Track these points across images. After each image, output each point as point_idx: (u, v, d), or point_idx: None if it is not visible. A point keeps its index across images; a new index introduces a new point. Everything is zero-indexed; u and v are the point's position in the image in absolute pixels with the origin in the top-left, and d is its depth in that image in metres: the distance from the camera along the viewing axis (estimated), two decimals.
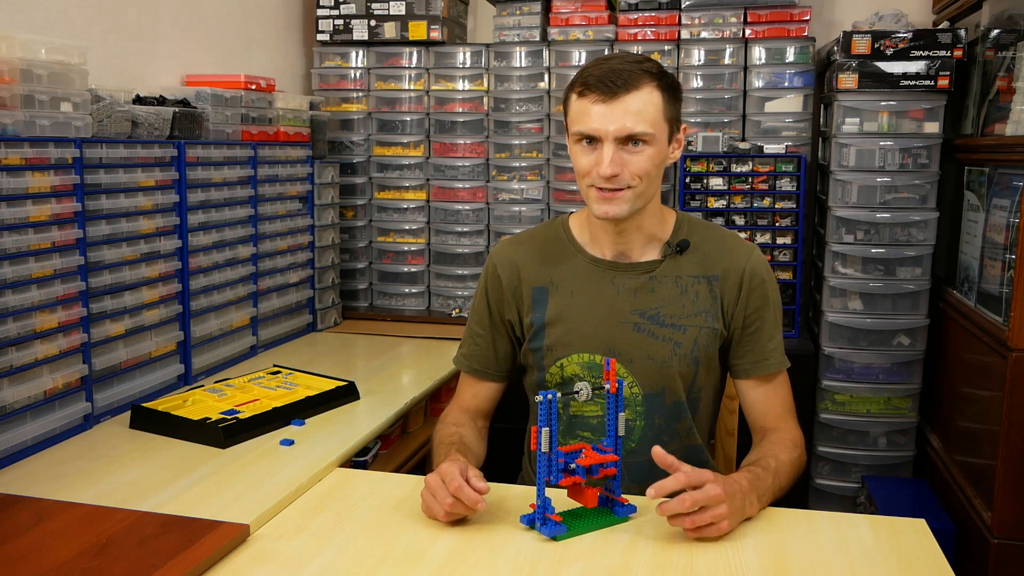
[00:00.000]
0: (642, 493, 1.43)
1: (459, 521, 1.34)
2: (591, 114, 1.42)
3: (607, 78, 1.41)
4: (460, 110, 2.97)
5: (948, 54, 2.46)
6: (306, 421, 1.84)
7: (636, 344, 1.53)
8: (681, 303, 1.53)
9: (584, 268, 1.57)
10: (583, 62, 2.87)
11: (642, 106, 1.41)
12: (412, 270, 3.04)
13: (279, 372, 2.13)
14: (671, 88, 1.46)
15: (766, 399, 1.57)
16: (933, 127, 2.50)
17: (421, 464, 2.14)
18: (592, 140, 1.44)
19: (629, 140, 1.42)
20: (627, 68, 1.42)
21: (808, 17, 2.76)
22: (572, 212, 1.66)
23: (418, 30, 2.90)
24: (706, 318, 1.53)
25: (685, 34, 2.82)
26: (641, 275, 1.55)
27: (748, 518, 1.35)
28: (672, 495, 1.27)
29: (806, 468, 2.60)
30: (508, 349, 1.65)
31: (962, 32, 2.47)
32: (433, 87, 2.98)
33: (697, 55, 2.79)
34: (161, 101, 2.17)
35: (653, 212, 1.54)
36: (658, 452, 1.30)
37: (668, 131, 1.47)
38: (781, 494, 1.43)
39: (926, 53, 2.47)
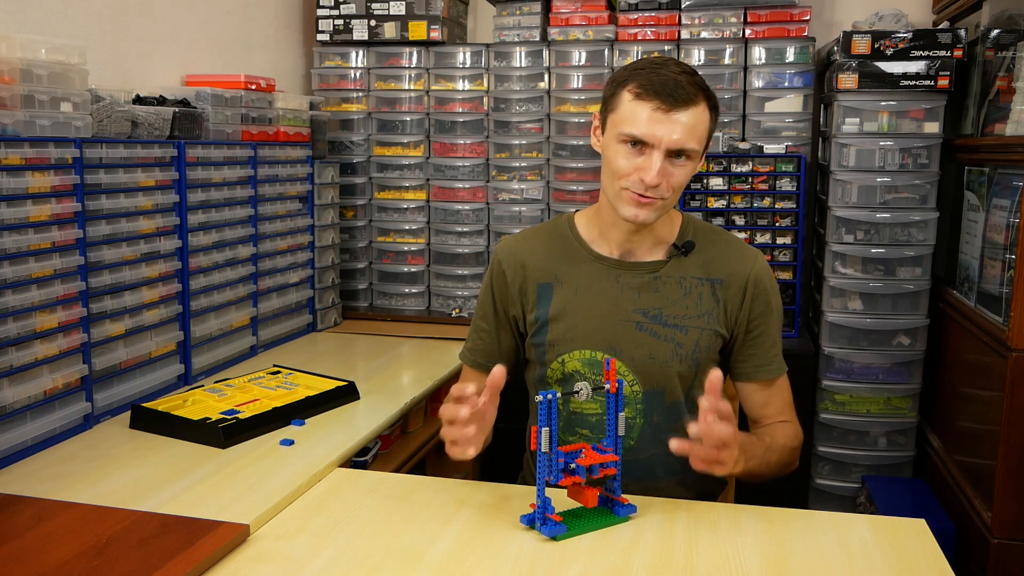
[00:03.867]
0: (641, 491, 1.44)
1: (459, 521, 1.34)
2: (647, 120, 1.41)
3: (668, 87, 1.41)
4: (460, 110, 2.97)
5: (948, 54, 2.46)
6: (306, 421, 1.84)
7: (638, 343, 1.53)
8: (684, 304, 1.54)
9: (589, 265, 1.58)
10: (583, 62, 2.87)
11: (696, 122, 1.42)
12: (412, 270, 3.04)
13: (279, 372, 2.13)
14: (715, 108, 1.48)
15: (767, 401, 1.59)
16: (933, 127, 2.50)
17: (421, 464, 2.14)
18: (638, 144, 1.43)
19: (675, 153, 1.43)
20: (684, 80, 1.42)
21: (808, 17, 2.76)
22: (575, 211, 1.66)
23: (418, 30, 2.90)
24: (708, 320, 1.54)
25: (685, 34, 2.82)
26: (646, 274, 1.55)
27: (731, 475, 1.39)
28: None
29: (806, 468, 2.63)
30: (512, 344, 1.66)
31: (962, 32, 2.47)
32: (433, 87, 2.98)
33: (697, 55, 2.79)
34: (161, 101, 2.17)
35: (663, 215, 1.55)
36: (678, 445, 1.30)
37: (705, 148, 1.49)
38: (767, 470, 1.46)
39: (926, 53, 2.47)
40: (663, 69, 1.43)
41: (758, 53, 2.75)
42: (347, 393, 1.98)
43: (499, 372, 1.31)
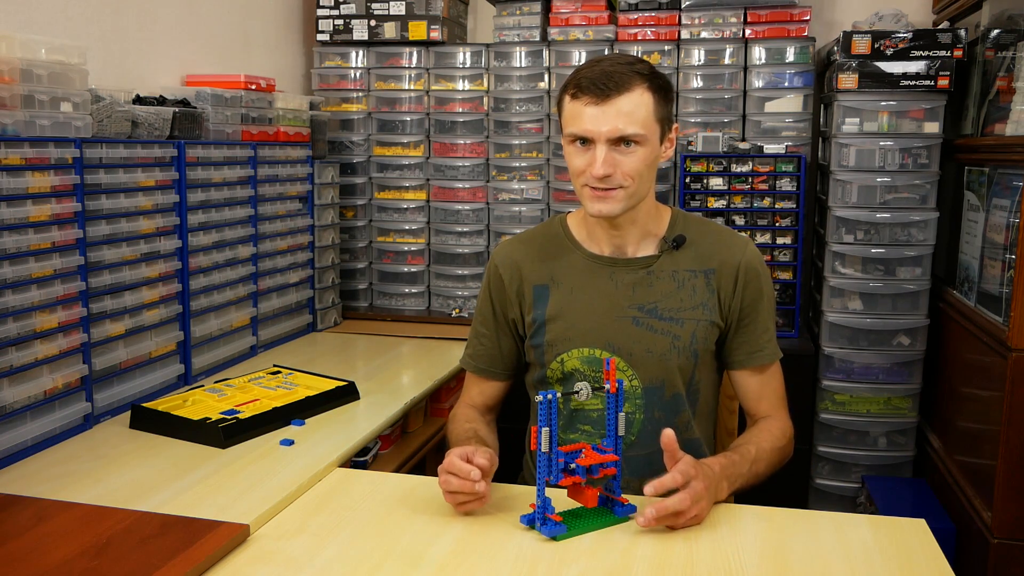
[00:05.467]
0: (642, 488, 1.44)
1: (459, 521, 1.35)
2: (584, 116, 1.45)
3: (599, 80, 1.44)
4: (460, 110, 2.97)
5: (948, 54, 2.46)
6: (306, 421, 1.84)
7: (635, 338, 1.54)
8: (679, 297, 1.56)
9: (583, 264, 1.60)
10: (583, 62, 2.86)
11: (633, 107, 1.44)
12: (412, 270, 3.04)
13: (279, 372, 2.13)
14: (662, 88, 1.49)
15: (759, 389, 1.60)
16: (933, 127, 2.50)
17: (421, 464, 2.14)
18: (585, 141, 1.47)
19: (621, 141, 1.45)
20: (618, 70, 1.45)
21: (808, 17, 2.76)
22: (570, 211, 1.68)
23: (418, 30, 2.90)
24: (703, 311, 1.56)
25: (685, 34, 2.82)
26: (639, 270, 1.57)
27: (717, 502, 1.39)
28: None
29: (806, 468, 2.63)
30: (513, 348, 1.67)
31: (962, 32, 2.47)
32: (433, 87, 2.98)
33: (697, 55, 2.79)
34: (161, 101, 2.17)
35: (648, 208, 1.57)
36: (668, 435, 1.31)
37: (660, 131, 1.50)
38: (757, 480, 1.47)
39: (926, 53, 2.47)
40: (598, 64, 1.47)
41: (758, 53, 2.75)
42: (347, 393, 1.98)
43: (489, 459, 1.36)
